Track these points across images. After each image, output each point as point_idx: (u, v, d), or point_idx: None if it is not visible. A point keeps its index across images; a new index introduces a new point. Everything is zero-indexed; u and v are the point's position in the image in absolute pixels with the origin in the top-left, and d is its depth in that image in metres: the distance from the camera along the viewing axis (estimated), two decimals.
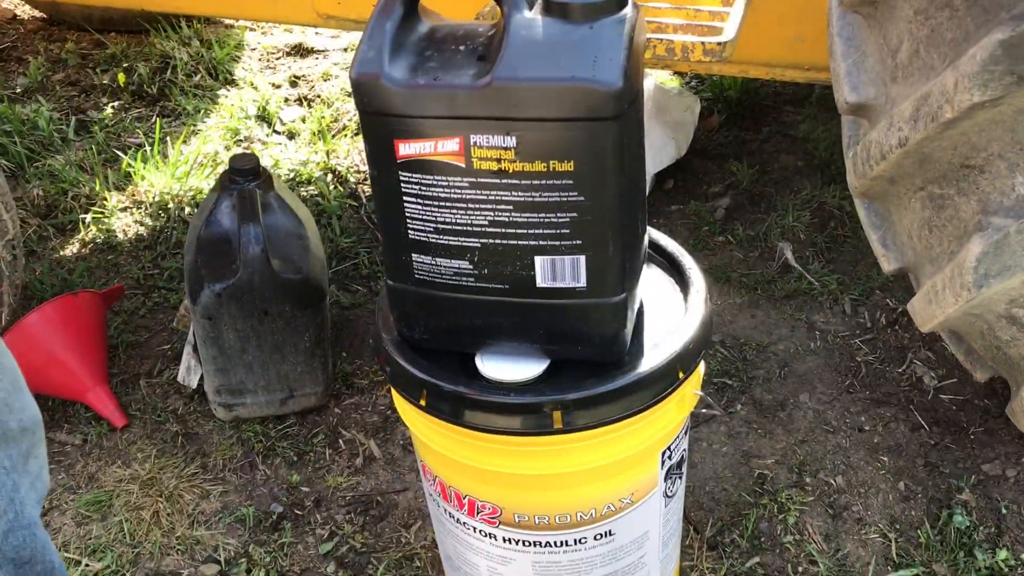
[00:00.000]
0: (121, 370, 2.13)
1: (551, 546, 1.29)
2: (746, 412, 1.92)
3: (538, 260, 1.12)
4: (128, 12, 3.36)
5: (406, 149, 1.09)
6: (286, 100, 3.13)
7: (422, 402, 1.20)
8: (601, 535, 1.29)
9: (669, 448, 1.30)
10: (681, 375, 1.21)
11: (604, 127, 1.03)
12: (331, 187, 2.66)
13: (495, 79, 1.01)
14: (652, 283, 1.34)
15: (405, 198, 1.12)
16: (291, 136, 2.94)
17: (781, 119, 2.82)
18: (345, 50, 3.43)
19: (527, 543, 1.29)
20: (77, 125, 3.00)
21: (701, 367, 1.29)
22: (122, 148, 2.86)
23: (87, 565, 1.71)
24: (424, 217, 1.13)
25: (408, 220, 1.14)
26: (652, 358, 1.19)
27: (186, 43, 3.37)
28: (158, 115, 3.04)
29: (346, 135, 2.89)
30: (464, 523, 1.32)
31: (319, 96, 3.14)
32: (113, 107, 3.11)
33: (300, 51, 3.46)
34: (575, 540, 1.29)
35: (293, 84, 3.24)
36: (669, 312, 1.30)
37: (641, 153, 1.15)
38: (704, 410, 1.40)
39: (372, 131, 1.10)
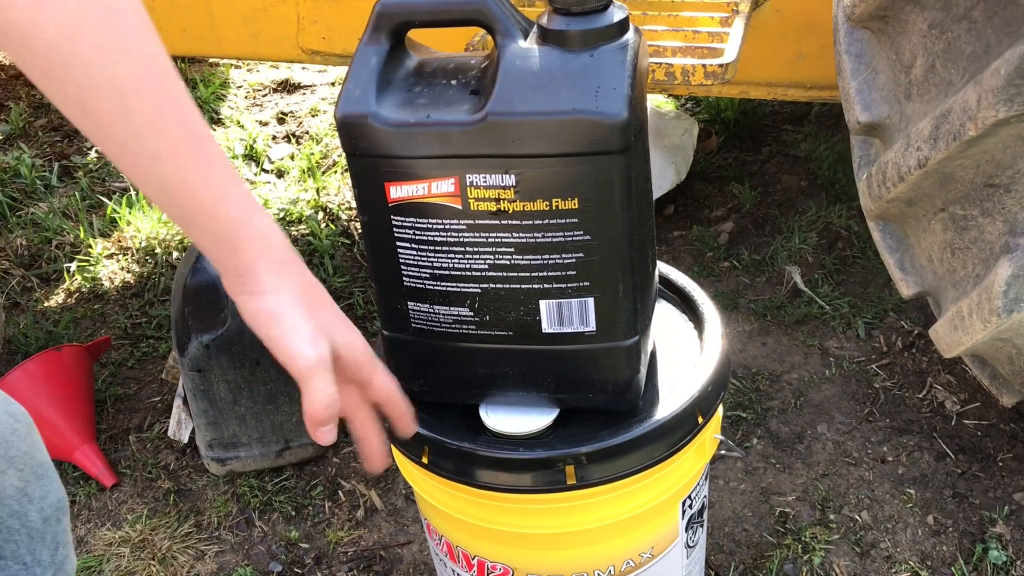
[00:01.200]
0: (110, 425, 2.05)
1: None
2: (763, 446, 1.83)
3: (543, 304, 1.05)
4: None
5: (398, 192, 1.01)
6: (274, 138, 3.07)
7: (424, 460, 1.11)
8: None
9: (689, 497, 1.22)
10: (700, 420, 1.13)
11: (610, 161, 0.95)
12: (322, 226, 2.59)
13: (490, 114, 0.94)
14: (663, 321, 1.27)
15: (398, 243, 1.04)
16: (280, 174, 2.87)
17: (781, 139, 2.76)
18: (333, 84, 3.37)
19: None
20: (60, 171, 2.93)
21: (719, 410, 1.21)
22: (107, 193, 2.79)
23: None
24: (419, 263, 1.05)
25: (402, 267, 1.06)
26: (669, 404, 1.11)
27: None
28: None
29: (336, 171, 2.83)
30: None
31: (308, 132, 3.08)
32: (97, 151, 3.04)
33: (287, 87, 3.40)
34: None
35: (280, 121, 3.18)
36: (683, 352, 1.22)
37: (648, 186, 1.07)
38: (724, 453, 1.33)
39: (361, 173, 1.02)
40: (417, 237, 1.03)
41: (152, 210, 2.64)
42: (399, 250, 1.05)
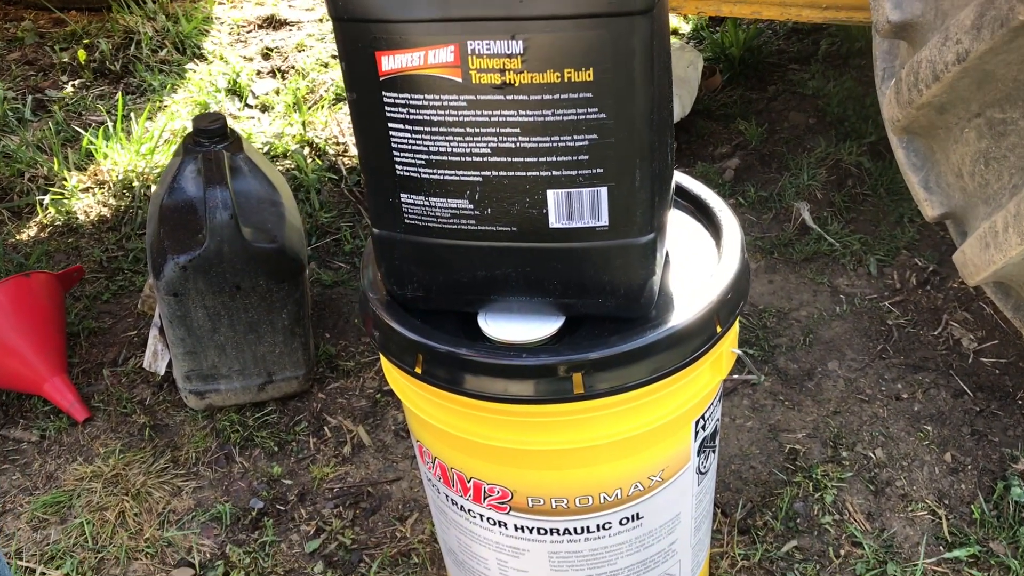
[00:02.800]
0: (83, 359, 1.94)
1: (571, 533, 1.12)
2: (770, 383, 1.75)
3: (551, 195, 0.94)
4: None
5: (390, 63, 0.91)
6: (258, 73, 2.95)
7: (417, 369, 1.02)
8: (627, 519, 1.12)
9: (703, 417, 1.12)
10: (719, 329, 1.03)
11: (630, 24, 0.85)
12: (308, 160, 2.48)
13: None
14: (678, 228, 1.17)
15: (390, 125, 0.94)
16: (264, 109, 2.75)
17: (787, 77, 2.65)
18: (320, 20, 3.24)
19: (543, 531, 1.12)
20: (34, 104, 2.80)
21: (737, 325, 1.12)
22: (83, 127, 2.67)
23: (43, 574, 1.53)
24: (414, 147, 0.95)
25: (395, 152, 0.96)
26: (685, 311, 1.01)
27: (151, 18, 3.18)
28: (122, 92, 2.84)
29: (323, 106, 2.71)
30: (469, 511, 1.14)
31: (293, 67, 2.95)
32: (73, 86, 2.91)
33: (272, 23, 3.27)
34: (598, 526, 1.12)
35: (266, 57, 3.05)
36: (699, 261, 1.12)
37: (669, 63, 0.97)
38: (736, 376, 1.24)
39: (349, 42, 0.91)
40: (411, 117, 0.93)
41: (130, 143, 2.52)
42: (391, 133, 0.95)
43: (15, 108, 2.76)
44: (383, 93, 0.92)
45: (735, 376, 1.21)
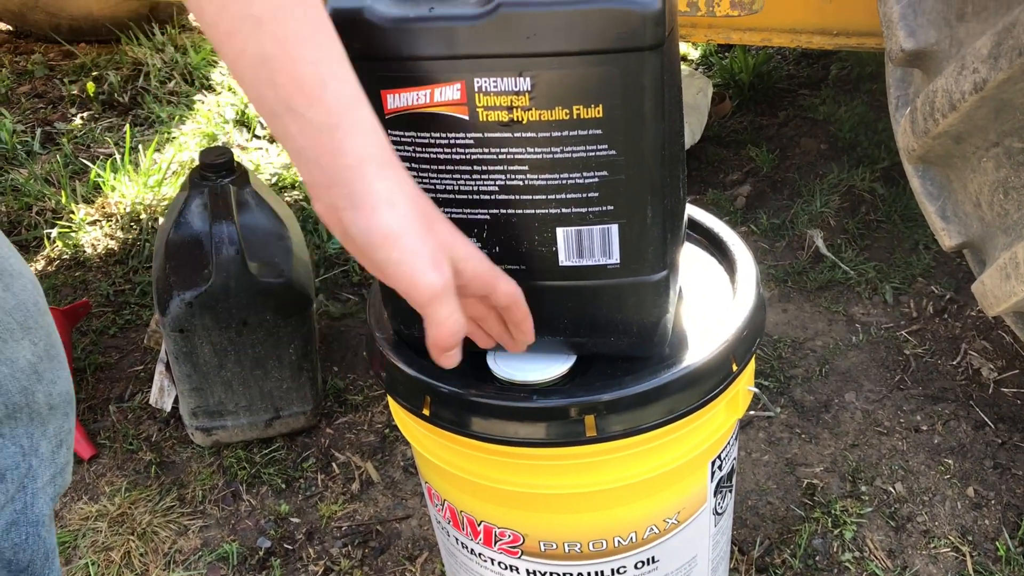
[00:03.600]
0: (89, 395, 1.93)
1: None
2: (787, 416, 1.71)
3: (560, 233, 0.92)
4: (98, 18, 3.19)
5: (396, 101, 0.89)
6: None
7: (425, 411, 0.99)
8: (643, 563, 1.09)
9: (719, 457, 1.09)
10: (735, 368, 1.01)
11: (640, 60, 0.83)
12: None
13: (502, 5, 0.82)
14: (690, 263, 1.14)
15: None
16: (272, 140, 2.75)
17: (798, 102, 2.63)
18: None
19: (555, 575, 1.09)
20: (43, 137, 2.80)
21: (752, 362, 1.09)
22: (91, 159, 2.66)
23: None
24: (421, 185, 0.93)
25: None
26: (700, 349, 0.99)
27: (159, 49, 3.18)
28: (130, 124, 2.84)
29: None
30: (480, 554, 1.12)
31: None
32: (82, 118, 2.92)
33: None
34: (613, 571, 1.08)
35: None
36: (713, 297, 1.10)
37: (679, 98, 0.95)
38: (753, 413, 1.21)
39: None
40: (417, 155, 0.91)
41: (138, 175, 2.51)
42: None
43: (24, 141, 2.77)
44: (389, 132, 0.90)
45: (751, 412, 1.18)
